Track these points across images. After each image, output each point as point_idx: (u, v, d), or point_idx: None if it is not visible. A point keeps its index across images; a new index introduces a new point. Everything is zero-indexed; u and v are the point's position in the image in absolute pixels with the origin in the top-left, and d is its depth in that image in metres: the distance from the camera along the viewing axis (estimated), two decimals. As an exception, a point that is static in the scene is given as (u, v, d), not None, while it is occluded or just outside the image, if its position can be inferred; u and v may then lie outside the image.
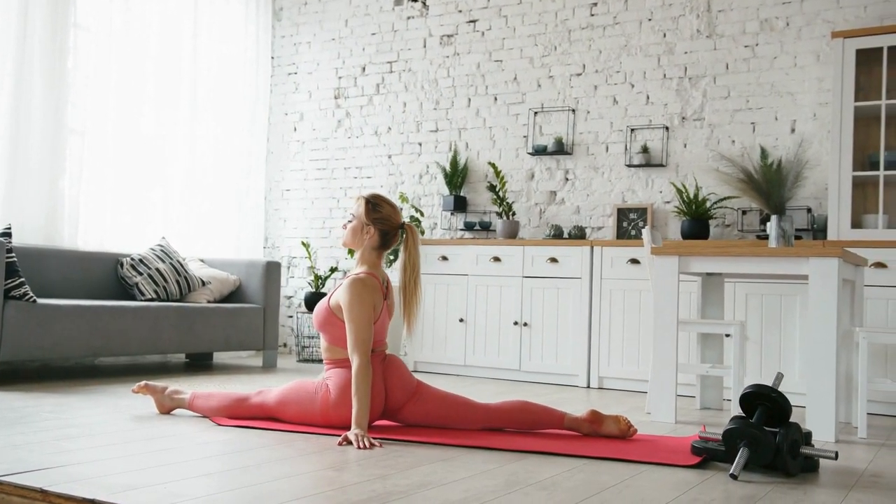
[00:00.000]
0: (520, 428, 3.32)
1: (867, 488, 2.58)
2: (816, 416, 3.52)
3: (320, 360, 6.36)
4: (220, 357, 6.41)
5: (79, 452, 2.58)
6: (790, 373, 4.70)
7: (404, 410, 3.30)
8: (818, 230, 5.06)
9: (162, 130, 6.24)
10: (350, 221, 3.37)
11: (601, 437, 3.24)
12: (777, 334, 4.78)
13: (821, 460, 2.92)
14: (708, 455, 2.87)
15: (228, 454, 2.69)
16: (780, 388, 3.67)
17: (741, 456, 2.64)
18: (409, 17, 6.68)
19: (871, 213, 4.87)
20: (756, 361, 4.80)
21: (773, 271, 3.72)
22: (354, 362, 3.07)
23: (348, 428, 3.06)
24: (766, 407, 2.79)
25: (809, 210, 5.11)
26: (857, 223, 4.85)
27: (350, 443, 2.89)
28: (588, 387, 5.29)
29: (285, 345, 7.05)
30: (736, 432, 2.69)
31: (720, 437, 2.94)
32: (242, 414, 3.33)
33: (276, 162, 7.23)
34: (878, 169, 4.83)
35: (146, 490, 2.12)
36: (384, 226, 3.32)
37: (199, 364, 5.94)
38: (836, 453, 2.69)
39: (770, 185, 4.21)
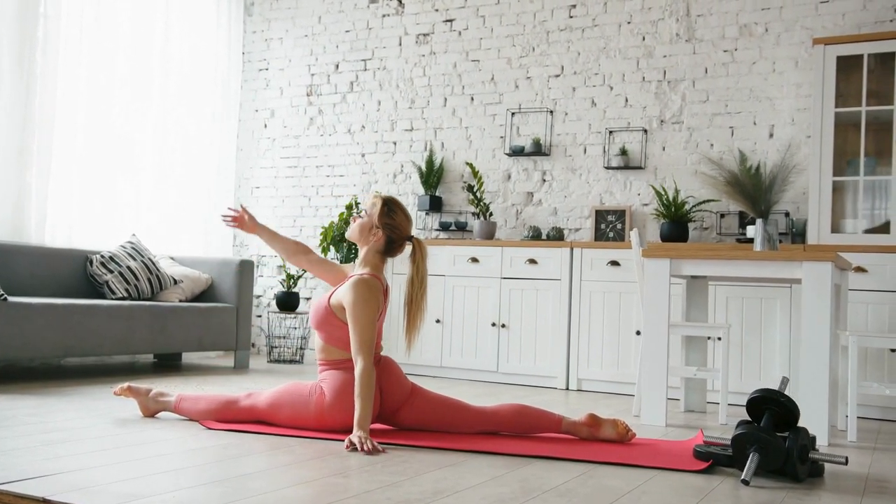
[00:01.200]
0: (516, 431, 3.24)
1: (878, 494, 2.55)
2: (809, 420, 3.50)
3: (290, 361, 6.22)
4: (188, 357, 6.24)
5: (72, 458, 2.44)
6: (770, 375, 4.70)
7: (400, 414, 3.21)
8: (797, 234, 5.07)
9: (132, 124, 6.05)
10: (360, 216, 3.26)
11: (599, 440, 3.17)
12: (758, 337, 4.78)
13: (825, 465, 2.90)
14: (713, 460, 2.82)
15: (228, 460, 2.57)
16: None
17: (752, 461, 2.59)
18: (384, 15, 6.58)
19: (850, 218, 4.90)
20: (737, 364, 4.79)
21: (765, 275, 3.69)
22: (358, 364, 2.97)
23: (344, 432, 2.96)
24: (773, 411, 2.75)
25: (787, 214, 5.12)
26: (836, 227, 4.87)
27: (356, 447, 2.78)
28: (567, 389, 5.24)
29: (254, 345, 6.89)
30: (747, 437, 2.65)
31: (724, 442, 2.91)
32: (232, 417, 3.20)
33: (245, 159, 7.06)
34: (857, 174, 4.86)
35: (153, 499, 2.00)
36: (393, 233, 3.21)
37: (168, 364, 5.76)
38: (847, 458, 2.66)
39: (757, 189, 4.20)
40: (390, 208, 3.22)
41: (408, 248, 3.30)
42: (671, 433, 3.60)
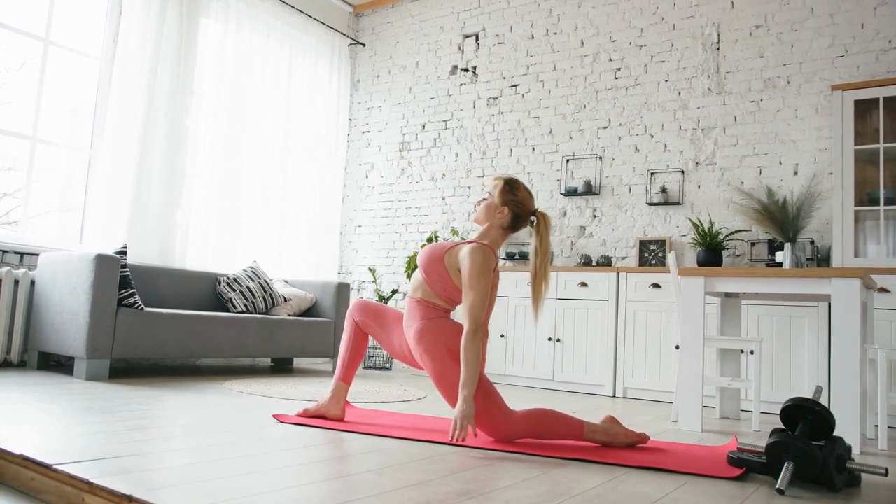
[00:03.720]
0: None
1: (921, 508, 1.92)
2: (841, 429, 2.85)
3: (381, 368, 5.79)
4: (298, 362, 5.90)
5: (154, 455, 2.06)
6: (798, 387, 4.01)
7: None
8: (822, 259, 4.38)
9: (257, 176, 5.82)
10: (485, 199, 2.63)
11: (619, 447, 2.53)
12: (787, 351, 4.10)
13: (862, 475, 2.27)
14: (747, 467, 2.24)
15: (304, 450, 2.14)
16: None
17: (787, 470, 2.00)
18: (461, 84, 6.20)
19: (872, 244, 4.19)
20: (769, 376, 4.12)
21: (796, 291, 3.07)
22: (466, 325, 2.39)
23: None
24: (808, 420, 2.16)
25: (812, 242, 4.43)
26: (858, 253, 4.17)
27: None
28: (614, 396, 4.64)
29: (356, 354, 6.51)
30: (781, 446, 2.06)
31: (758, 449, 2.32)
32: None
33: (350, 203, 6.76)
34: (876, 204, 4.16)
35: (268, 496, 1.58)
36: (518, 208, 2.58)
37: (282, 368, 5.43)
38: (887, 470, 2.04)
39: (785, 216, 3.58)
40: (512, 187, 2.59)
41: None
42: (707, 438, 3.00)
